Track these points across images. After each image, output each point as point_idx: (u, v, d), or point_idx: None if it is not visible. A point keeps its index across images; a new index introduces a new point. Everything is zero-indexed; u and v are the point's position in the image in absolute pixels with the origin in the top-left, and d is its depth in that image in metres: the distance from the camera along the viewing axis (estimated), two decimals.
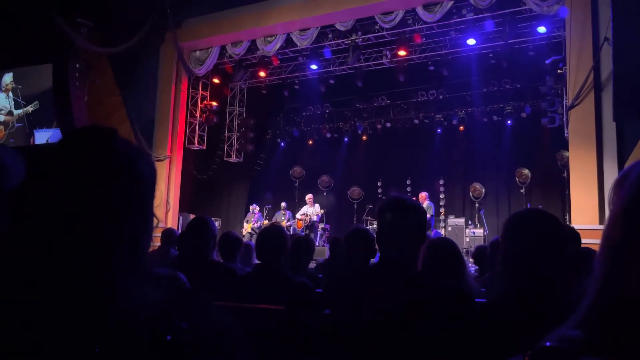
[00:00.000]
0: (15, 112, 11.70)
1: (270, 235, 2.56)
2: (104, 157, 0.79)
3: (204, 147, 12.40)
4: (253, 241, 11.04)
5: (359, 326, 1.47)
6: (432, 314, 1.45)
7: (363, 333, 1.46)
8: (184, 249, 2.91)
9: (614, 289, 0.65)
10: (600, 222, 7.54)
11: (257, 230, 11.84)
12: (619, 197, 0.68)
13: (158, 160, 11.27)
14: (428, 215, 9.98)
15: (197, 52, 11.52)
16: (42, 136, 11.19)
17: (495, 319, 1.45)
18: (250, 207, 12.37)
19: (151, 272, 1.70)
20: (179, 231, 10.62)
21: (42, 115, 11.35)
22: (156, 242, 4.88)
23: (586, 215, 7.67)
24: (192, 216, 12.03)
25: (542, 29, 9.55)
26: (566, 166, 9.24)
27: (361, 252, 2.88)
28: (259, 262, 2.57)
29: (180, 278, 1.68)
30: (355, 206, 13.32)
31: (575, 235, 2.54)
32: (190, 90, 12.03)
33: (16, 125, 11.59)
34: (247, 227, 11.98)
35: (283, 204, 11.94)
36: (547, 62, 9.45)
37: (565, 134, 8.52)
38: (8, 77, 11.76)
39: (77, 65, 10.88)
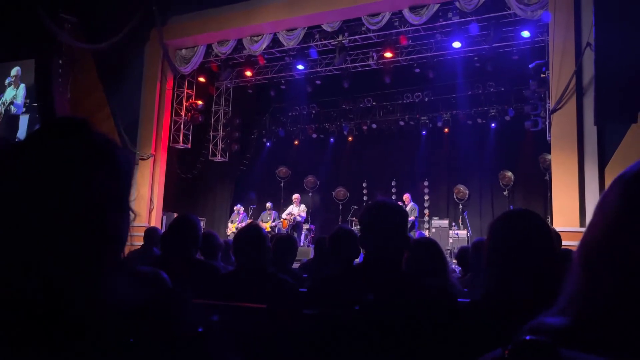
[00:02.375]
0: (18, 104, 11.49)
1: (247, 234, 2.55)
2: (80, 146, 0.77)
3: (189, 146, 12.32)
4: None
5: (343, 326, 1.48)
6: (417, 313, 1.46)
7: (347, 332, 1.47)
8: (167, 248, 2.89)
9: (600, 276, 0.66)
10: (581, 225, 7.65)
11: None
12: (616, 190, 0.69)
13: (142, 159, 11.17)
14: (412, 217, 10.06)
15: (183, 50, 11.44)
16: None
17: (480, 316, 1.46)
18: (235, 207, 12.32)
19: (133, 270, 1.68)
20: (163, 230, 10.57)
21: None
22: (138, 242, 4.83)
23: (567, 217, 7.78)
24: (175, 215, 11.95)
25: (526, 34, 9.68)
26: (548, 169, 9.37)
27: (345, 252, 2.88)
28: (238, 260, 2.56)
29: (162, 276, 1.66)
30: (340, 207, 13.35)
31: (557, 236, 2.58)
32: (176, 88, 11.94)
33: (20, 117, 11.38)
34: (231, 227, 11.93)
35: (269, 204, 11.91)
36: (530, 66, 9.56)
37: (548, 138, 8.63)
38: (14, 71, 11.55)
39: (60, 61, 10.74)
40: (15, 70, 11.57)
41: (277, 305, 1.71)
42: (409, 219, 9.89)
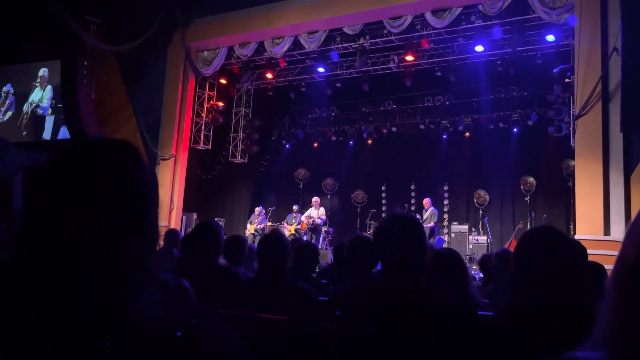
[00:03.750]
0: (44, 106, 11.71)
1: (272, 241, 2.55)
2: (114, 170, 0.79)
3: (209, 147, 12.42)
4: (256, 243, 11.07)
5: (361, 340, 1.47)
6: (436, 330, 1.44)
7: (364, 348, 1.45)
8: (187, 251, 2.91)
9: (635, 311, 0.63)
10: (605, 233, 7.50)
11: (260, 232, 11.85)
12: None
13: (163, 159, 11.30)
14: (432, 223, 9.97)
15: (205, 52, 11.55)
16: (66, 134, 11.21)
17: (502, 334, 1.44)
18: (256, 209, 12.37)
19: (157, 280, 1.70)
20: (182, 231, 10.67)
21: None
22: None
23: (591, 225, 7.63)
24: (195, 215, 12.06)
25: (550, 38, 9.53)
26: (572, 175, 9.20)
27: (363, 261, 2.86)
28: (261, 268, 2.56)
29: (186, 287, 1.67)
30: (358, 210, 13.30)
31: (583, 250, 2.51)
32: (197, 90, 12.06)
33: (46, 119, 11.58)
34: (250, 229, 11.99)
35: (295, 207, 11.92)
36: (555, 70, 9.41)
37: (572, 143, 8.48)
38: (41, 71, 11.79)
39: (85, 63, 10.93)
40: (42, 71, 11.80)
41: (296, 317, 1.70)
42: (429, 225, 9.82)
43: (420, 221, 6.95)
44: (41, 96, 11.71)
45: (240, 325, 1.90)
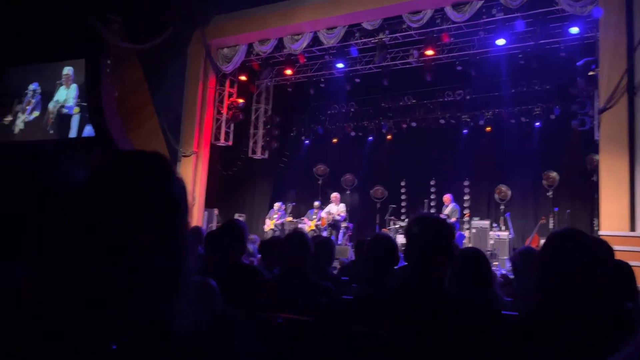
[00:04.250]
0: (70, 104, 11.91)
1: (295, 240, 2.59)
2: (147, 184, 0.82)
3: (230, 143, 12.53)
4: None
5: (385, 343, 1.49)
6: (459, 332, 1.45)
7: (388, 350, 1.47)
8: (213, 250, 2.96)
9: None
10: (631, 229, 7.37)
11: (279, 227, 11.93)
12: None
13: (185, 156, 11.43)
14: (454, 219, 9.90)
15: (225, 50, 11.63)
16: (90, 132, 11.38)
17: (529, 335, 1.44)
18: (275, 204, 12.44)
19: (189, 284, 1.74)
20: (204, 226, 10.79)
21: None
22: None
23: (616, 221, 7.50)
24: (216, 211, 12.19)
25: (574, 30, 9.35)
26: (596, 170, 9.04)
27: (384, 259, 2.88)
28: (285, 266, 2.60)
29: (213, 289, 1.71)
30: (378, 205, 13.28)
31: (609, 249, 2.49)
32: (218, 87, 12.16)
33: (72, 118, 11.77)
34: (270, 224, 12.07)
35: (316, 203, 11.95)
36: (578, 63, 9.25)
37: (596, 137, 8.33)
38: (66, 70, 11.99)
39: (108, 62, 11.10)
40: (66, 70, 12.00)
41: (322, 318, 1.73)
42: (450, 221, 9.76)
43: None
44: (66, 95, 11.91)
45: (266, 326, 1.95)
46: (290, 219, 12.13)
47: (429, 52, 10.33)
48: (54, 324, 0.73)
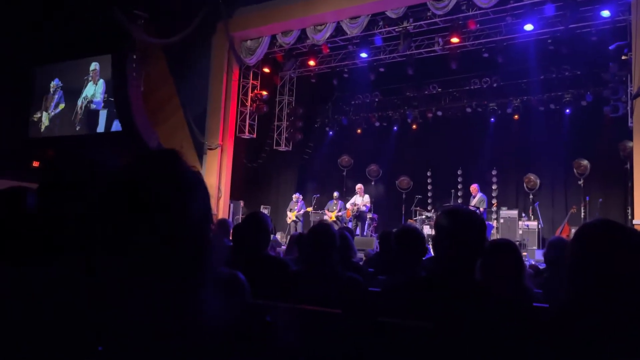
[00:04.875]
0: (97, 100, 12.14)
1: (320, 232, 2.58)
2: (175, 176, 0.83)
3: (254, 136, 12.59)
4: (297, 230, 11.16)
5: (414, 335, 1.47)
6: (490, 327, 1.42)
7: (418, 342, 1.46)
8: (239, 243, 2.98)
9: None
10: None
11: (300, 218, 11.99)
12: None
13: (210, 149, 11.55)
14: (481, 209, 9.76)
15: (248, 42, 11.65)
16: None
17: (561, 327, 1.40)
18: (293, 196, 12.49)
19: (216, 276, 1.75)
20: (230, 217, 10.90)
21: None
22: None
23: None
24: (242, 203, 12.30)
25: (605, 13, 9.05)
26: (629, 157, 8.78)
27: (411, 251, 2.85)
28: (311, 258, 2.60)
29: (241, 281, 1.71)
30: (404, 196, 13.18)
31: None
32: (241, 79, 12.21)
33: (100, 113, 12.00)
34: (291, 216, 12.12)
35: (335, 194, 11.96)
36: (610, 47, 8.97)
37: (630, 124, 8.10)
38: (93, 65, 12.23)
39: (134, 56, 11.25)
40: (93, 65, 12.22)
41: (351, 311, 1.72)
42: (479, 210, 9.62)
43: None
44: (94, 91, 12.14)
45: (295, 318, 1.95)
46: (310, 209, 12.16)
47: (455, 40, 10.15)
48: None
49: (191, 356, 0.79)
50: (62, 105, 12.59)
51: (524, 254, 9.32)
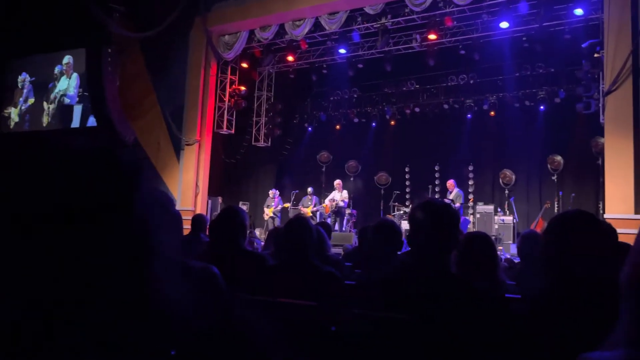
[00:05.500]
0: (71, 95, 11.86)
1: (297, 226, 2.58)
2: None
3: (233, 131, 12.50)
4: (275, 226, 11.15)
5: (389, 326, 1.48)
6: (465, 317, 1.45)
7: (392, 333, 1.47)
8: (215, 237, 2.96)
9: None
10: (636, 212, 7.34)
11: (278, 215, 11.96)
12: None
13: (188, 145, 11.43)
14: (458, 204, 9.88)
15: (226, 37, 11.55)
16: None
17: (533, 315, 1.43)
18: (270, 192, 12.46)
19: (184, 266, 1.73)
20: (208, 214, 10.81)
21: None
22: (186, 225, 4.96)
23: (621, 204, 7.48)
24: (220, 199, 12.21)
25: (579, 11, 9.23)
26: (601, 153, 9.00)
27: (388, 245, 2.88)
28: (288, 252, 2.60)
29: (214, 273, 1.71)
30: (382, 192, 13.27)
31: (613, 232, 2.48)
32: (219, 74, 12.10)
33: (74, 108, 11.72)
34: (268, 212, 12.09)
35: (309, 189, 11.97)
36: (583, 45, 9.15)
37: (601, 120, 8.28)
38: (66, 59, 11.93)
39: (110, 50, 11.05)
40: (67, 59, 11.96)
41: (326, 303, 1.73)
42: (455, 205, 9.74)
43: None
44: (67, 84, 11.88)
45: (270, 311, 1.95)
46: (288, 205, 12.15)
47: (432, 37, 10.23)
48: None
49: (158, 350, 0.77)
50: (31, 100, 12.29)
51: (500, 248, 9.47)
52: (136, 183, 0.78)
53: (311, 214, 11.27)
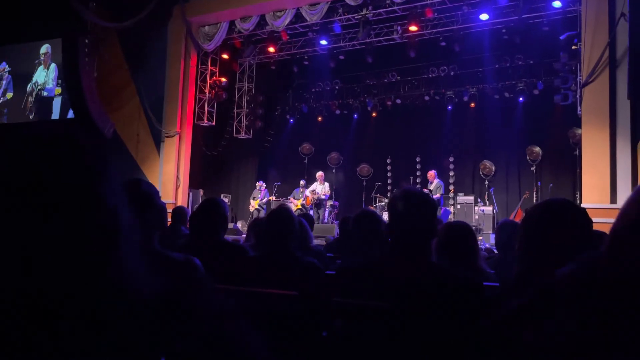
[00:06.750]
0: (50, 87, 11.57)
1: (279, 217, 2.57)
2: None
3: (213, 123, 12.40)
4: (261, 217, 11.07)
5: (370, 315, 1.49)
6: (442, 304, 1.46)
7: (374, 322, 1.48)
8: (195, 229, 2.94)
9: None
10: (612, 202, 7.50)
11: (264, 207, 11.91)
12: None
13: (168, 137, 11.30)
14: (438, 195, 9.97)
15: (206, 27, 11.42)
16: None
17: (508, 301, 1.46)
18: (257, 183, 12.42)
19: (163, 256, 1.72)
20: (189, 207, 10.72)
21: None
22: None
23: (597, 194, 7.63)
24: (201, 192, 12.12)
25: (557, 4, 9.34)
26: (578, 144, 9.15)
27: (369, 234, 2.89)
28: (269, 243, 2.59)
29: (195, 265, 1.70)
30: (364, 183, 13.32)
31: (589, 220, 2.51)
32: (200, 66, 11.97)
33: (53, 100, 11.42)
34: (254, 204, 12.04)
35: (302, 182, 11.93)
36: (561, 37, 9.26)
37: (578, 112, 8.42)
38: (44, 48, 11.62)
39: (86, 41, 10.83)
40: (44, 48, 11.67)
41: (306, 293, 1.73)
42: (436, 196, 9.83)
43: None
44: (46, 76, 11.61)
45: (250, 301, 1.94)
46: (273, 198, 12.12)
47: (413, 28, 10.26)
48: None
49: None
50: (10, 95, 12.00)
51: (480, 238, 9.59)
52: (100, 169, 0.77)
53: (301, 207, 11.23)
